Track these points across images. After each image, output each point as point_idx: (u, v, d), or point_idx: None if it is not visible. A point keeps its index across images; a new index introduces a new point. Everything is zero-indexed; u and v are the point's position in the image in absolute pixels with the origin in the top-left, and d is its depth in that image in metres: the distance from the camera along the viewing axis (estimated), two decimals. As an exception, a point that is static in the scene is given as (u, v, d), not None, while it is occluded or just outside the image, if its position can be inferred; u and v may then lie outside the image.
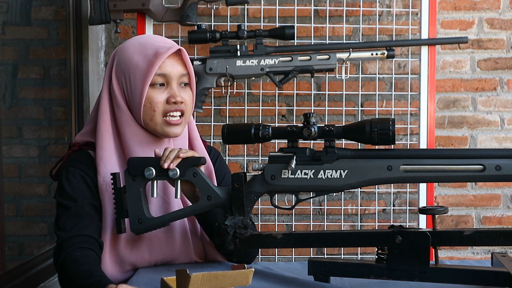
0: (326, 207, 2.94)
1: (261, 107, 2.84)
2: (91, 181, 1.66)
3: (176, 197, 1.58)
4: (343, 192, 2.87)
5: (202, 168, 1.61)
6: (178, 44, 1.72)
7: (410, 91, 2.83)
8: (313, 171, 1.52)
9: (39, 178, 2.50)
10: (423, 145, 2.60)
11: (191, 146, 1.77)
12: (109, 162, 1.66)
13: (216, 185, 1.72)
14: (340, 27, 2.95)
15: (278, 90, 2.77)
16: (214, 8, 2.56)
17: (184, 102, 1.67)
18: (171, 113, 1.66)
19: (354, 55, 2.55)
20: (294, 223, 2.93)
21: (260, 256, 2.91)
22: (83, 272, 1.48)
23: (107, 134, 1.67)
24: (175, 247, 1.69)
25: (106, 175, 1.63)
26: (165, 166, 1.54)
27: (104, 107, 1.68)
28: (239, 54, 2.49)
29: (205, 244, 1.74)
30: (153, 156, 1.61)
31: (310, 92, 2.88)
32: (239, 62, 2.48)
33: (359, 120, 2.91)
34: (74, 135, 2.75)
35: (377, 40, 2.82)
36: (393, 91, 2.95)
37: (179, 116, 1.67)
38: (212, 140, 2.72)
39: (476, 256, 3.09)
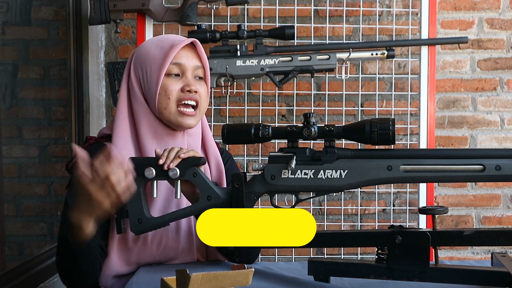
0: (326, 207, 2.94)
1: (261, 107, 2.84)
2: None
3: (176, 197, 1.58)
4: (343, 192, 2.87)
5: (212, 168, 1.61)
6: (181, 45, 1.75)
7: (410, 91, 2.83)
8: (313, 171, 1.52)
9: (39, 178, 2.50)
10: (423, 145, 2.59)
11: (204, 145, 1.80)
12: (125, 150, 1.67)
13: (220, 185, 1.73)
14: (340, 27, 2.95)
15: (278, 90, 2.77)
16: (214, 8, 2.56)
17: (198, 93, 1.72)
18: (186, 101, 1.69)
19: (354, 55, 2.55)
20: (294, 223, 2.92)
21: (260, 256, 2.90)
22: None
23: (123, 125, 1.71)
24: (179, 245, 1.70)
25: None
26: (165, 167, 1.55)
27: (122, 101, 1.73)
28: (239, 54, 2.48)
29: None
30: (158, 152, 1.61)
31: (310, 92, 2.88)
32: (239, 62, 2.48)
33: (359, 120, 2.91)
34: (74, 135, 2.75)
35: (377, 40, 2.82)
36: (393, 91, 2.95)
37: (193, 107, 1.71)
38: (212, 140, 2.72)
39: (476, 256, 3.09)
